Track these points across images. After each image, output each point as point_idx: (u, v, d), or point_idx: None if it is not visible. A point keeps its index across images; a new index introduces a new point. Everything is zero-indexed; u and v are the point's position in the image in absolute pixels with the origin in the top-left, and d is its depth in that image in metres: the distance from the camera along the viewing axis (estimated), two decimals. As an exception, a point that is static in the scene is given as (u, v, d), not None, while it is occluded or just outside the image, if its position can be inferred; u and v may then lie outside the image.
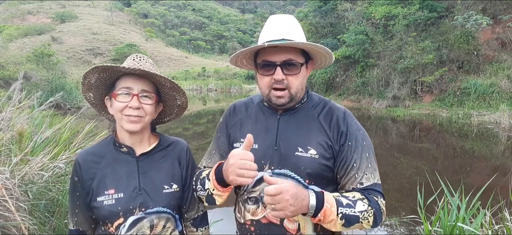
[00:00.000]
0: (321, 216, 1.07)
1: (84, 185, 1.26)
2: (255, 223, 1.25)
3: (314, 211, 1.07)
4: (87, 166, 1.27)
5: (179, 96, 1.35)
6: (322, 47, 1.19)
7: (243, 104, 1.40)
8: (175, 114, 1.43)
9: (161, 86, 1.30)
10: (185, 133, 12.21)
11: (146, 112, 1.24)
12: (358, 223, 1.11)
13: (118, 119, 1.25)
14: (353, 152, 1.21)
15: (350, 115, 1.31)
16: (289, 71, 1.19)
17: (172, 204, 1.31)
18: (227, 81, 40.92)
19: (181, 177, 1.35)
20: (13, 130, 2.99)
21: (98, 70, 1.21)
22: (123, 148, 1.29)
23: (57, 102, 12.11)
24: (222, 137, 1.37)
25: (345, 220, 1.09)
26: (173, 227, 1.33)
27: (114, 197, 1.23)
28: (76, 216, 1.30)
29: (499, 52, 15.88)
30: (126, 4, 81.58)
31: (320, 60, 1.30)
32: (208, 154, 1.42)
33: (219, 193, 1.20)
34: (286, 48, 1.17)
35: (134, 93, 1.21)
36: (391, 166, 7.85)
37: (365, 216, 1.12)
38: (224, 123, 1.40)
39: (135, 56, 1.28)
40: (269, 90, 1.22)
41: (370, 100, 18.85)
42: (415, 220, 3.53)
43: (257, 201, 1.24)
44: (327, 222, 1.09)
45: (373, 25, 20.06)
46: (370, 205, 1.14)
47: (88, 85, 1.27)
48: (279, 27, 1.20)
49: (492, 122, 12.45)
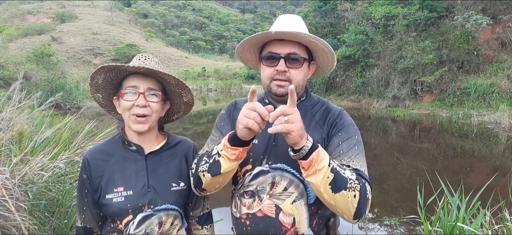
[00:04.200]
0: (315, 155, 1.05)
1: (93, 182, 1.29)
2: (251, 216, 1.26)
3: (308, 149, 1.05)
4: (95, 164, 1.29)
5: (185, 93, 1.37)
6: (324, 43, 1.23)
7: (244, 102, 1.39)
8: (183, 111, 1.46)
9: (167, 83, 1.33)
10: (185, 133, 12.21)
11: (153, 110, 1.26)
12: (345, 191, 1.07)
13: (125, 118, 1.27)
14: (340, 141, 1.23)
15: (345, 113, 1.34)
16: (292, 65, 1.23)
17: (179, 202, 1.34)
18: (227, 81, 40.91)
19: (188, 175, 1.38)
20: (13, 130, 2.99)
21: (104, 70, 1.24)
22: (132, 146, 1.32)
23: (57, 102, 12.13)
24: (227, 126, 1.36)
25: (334, 175, 1.06)
26: (180, 224, 1.36)
27: (123, 194, 1.26)
28: (84, 213, 1.32)
29: (499, 52, 15.88)
30: (126, 4, 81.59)
31: (322, 61, 1.34)
32: (210, 142, 1.37)
33: (227, 154, 1.14)
34: (291, 42, 1.22)
35: (140, 92, 1.24)
36: (391, 166, 7.85)
37: (352, 185, 1.09)
38: (227, 115, 1.40)
39: (140, 55, 1.31)
40: (270, 81, 1.25)
41: (370, 100, 18.85)
42: (415, 220, 3.53)
43: (253, 194, 1.26)
44: (318, 169, 1.05)
45: (373, 25, 20.06)
46: (357, 179, 1.12)
47: (96, 86, 1.30)
48: (287, 23, 1.26)
49: (492, 122, 12.45)
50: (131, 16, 74.25)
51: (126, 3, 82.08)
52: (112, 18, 65.47)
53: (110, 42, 51.81)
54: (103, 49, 49.74)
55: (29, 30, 48.27)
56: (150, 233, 1.26)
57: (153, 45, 59.42)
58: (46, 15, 62.95)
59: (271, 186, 1.24)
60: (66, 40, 49.34)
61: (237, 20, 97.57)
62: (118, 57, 43.54)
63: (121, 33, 58.30)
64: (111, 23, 62.70)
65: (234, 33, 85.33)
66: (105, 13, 68.43)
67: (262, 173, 1.26)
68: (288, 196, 1.23)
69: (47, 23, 55.86)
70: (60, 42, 47.51)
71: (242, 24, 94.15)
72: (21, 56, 22.43)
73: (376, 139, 10.98)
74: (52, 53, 20.82)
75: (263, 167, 1.26)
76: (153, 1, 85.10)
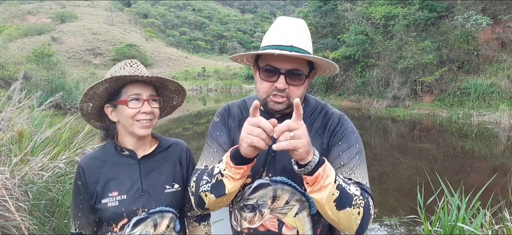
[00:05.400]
0: (321, 172, 0.99)
1: (88, 189, 1.31)
2: (252, 231, 1.23)
3: (315, 165, 0.99)
4: (90, 171, 1.32)
5: (177, 97, 1.41)
6: (331, 63, 1.15)
7: (237, 107, 1.35)
8: (166, 113, 1.52)
9: (164, 89, 1.36)
10: (185, 133, 12.21)
11: (155, 115, 1.31)
12: (350, 208, 1.03)
13: (128, 125, 1.27)
14: (343, 151, 1.18)
15: (345, 119, 1.27)
16: (293, 81, 1.13)
17: (174, 204, 1.36)
18: (227, 81, 40.94)
19: (182, 177, 1.40)
20: (13, 130, 2.99)
21: (108, 82, 1.22)
22: (124, 151, 1.34)
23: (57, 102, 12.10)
24: (223, 136, 1.29)
25: (340, 192, 1.02)
26: (175, 225, 1.38)
27: (117, 199, 1.28)
28: (79, 220, 1.35)
29: (499, 52, 15.88)
30: (126, 4, 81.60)
31: (323, 72, 1.28)
32: (207, 155, 1.28)
33: (231, 173, 1.06)
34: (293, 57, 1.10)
35: (144, 99, 1.27)
36: (391, 166, 7.85)
37: (357, 202, 1.04)
38: (222, 123, 1.32)
39: (129, 62, 1.29)
40: (267, 95, 1.16)
41: (370, 100, 18.85)
42: (415, 220, 3.53)
43: (254, 208, 1.22)
44: (324, 186, 1.00)
45: (373, 25, 20.07)
46: (362, 195, 1.08)
47: (91, 96, 1.28)
48: (288, 33, 1.13)
49: (492, 122, 12.45)
50: (131, 16, 74.30)
51: (126, 3, 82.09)
52: (112, 18, 65.49)
53: (110, 42, 51.84)
54: (103, 49, 49.76)
55: (29, 30, 48.32)
56: None
57: (153, 45, 59.42)
58: (46, 15, 62.99)
59: (272, 200, 1.20)
60: (66, 40, 49.37)
61: (237, 20, 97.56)
62: (118, 57, 43.56)
63: (121, 33, 58.32)
64: (111, 23, 62.73)
65: (234, 33, 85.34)
66: (105, 13, 68.47)
67: (263, 186, 1.21)
68: (290, 209, 1.20)
69: (47, 23, 55.89)
70: (60, 42, 47.53)
71: (242, 24, 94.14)
72: (21, 56, 22.46)
73: (376, 139, 10.99)
74: (52, 53, 20.82)
75: (263, 180, 1.20)
76: (153, 1, 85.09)
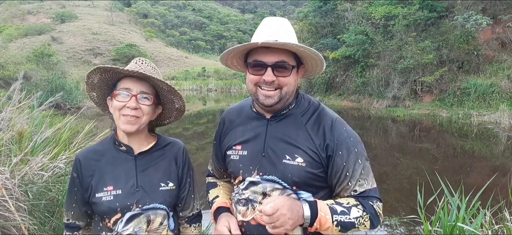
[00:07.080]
0: (317, 225, 1.11)
1: (83, 181, 1.33)
2: (245, 224, 1.27)
3: (309, 221, 1.11)
4: (87, 163, 1.34)
5: (177, 100, 1.41)
6: (314, 52, 1.17)
7: (236, 111, 1.42)
8: (174, 117, 1.50)
9: (160, 89, 1.36)
10: (185, 133, 12.21)
11: (144, 112, 1.30)
12: (355, 228, 1.15)
13: (116, 118, 1.30)
14: (344, 161, 1.20)
15: (339, 123, 1.26)
16: (280, 73, 1.18)
17: (168, 201, 1.37)
18: (227, 81, 40.88)
19: (177, 176, 1.41)
20: (13, 130, 2.99)
21: (99, 71, 1.29)
22: (122, 146, 1.35)
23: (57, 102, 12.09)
24: (217, 150, 1.46)
25: (341, 227, 1.13)
26: (168, 223, 1.39)
27: (112, 193, 1.30)
28: (73, 210, 1.38)
29: (499, 52, 15.88)
30: (126, 4, 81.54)
31: (311, 66, 1.28)
32: (211, 159, 1.54)
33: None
34: (278, 49, 1.16)
35: (133, 94, 1.27)
36: (391, 166, 7.85)
37: (361, 221, 1.16)
38: (218, 134, 1.44)
39: (138, 59, 1.34)
40: (256, 88, 1.21)
41: (370, 100, 18.86)
42: (415, 220, 3.53)
43: (247, 203, 1.27)
44: (324, 230, 1.13)
45: (373, 25, 20.08)
46: (365, 210, 1.17)
47: (91, 85, 1.35)
48: (274, 29, 1.19)
49: (492, 122, 12.45)
50: (131, 16, 74.21)
51: (126, 3, 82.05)
52: (112, 18, 65.44)
53: (110, 42, 51.79)
54: (103, 49, 49.72)
55: (29, 30, 48.26)
56: (138, 232, 1.30)
57: (153, 45, 59.39)
58: (46, 15, 62.92)
59: (263, 196, 1.24)
60: (66, 40, 49.33)
61: (237, 20, 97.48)
62: (118, 57, 43.51)
63: (121, 33, 58.28)
64: (111, 23, 62.69)
65: (234, 33, 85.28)
66: (105, 13, 68.40)
67: (254, 183, 1.25)
68: None
69: (47, 23, 55.83)
70: (60, 42, 47.50)
71: (242, 24, 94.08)
72: (21, 56, 22.41)
73: (376, 139, 10.99)
74: (52, 53, 20.86)
75: (254, 178, 1.25)
76: (153, 1, 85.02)
